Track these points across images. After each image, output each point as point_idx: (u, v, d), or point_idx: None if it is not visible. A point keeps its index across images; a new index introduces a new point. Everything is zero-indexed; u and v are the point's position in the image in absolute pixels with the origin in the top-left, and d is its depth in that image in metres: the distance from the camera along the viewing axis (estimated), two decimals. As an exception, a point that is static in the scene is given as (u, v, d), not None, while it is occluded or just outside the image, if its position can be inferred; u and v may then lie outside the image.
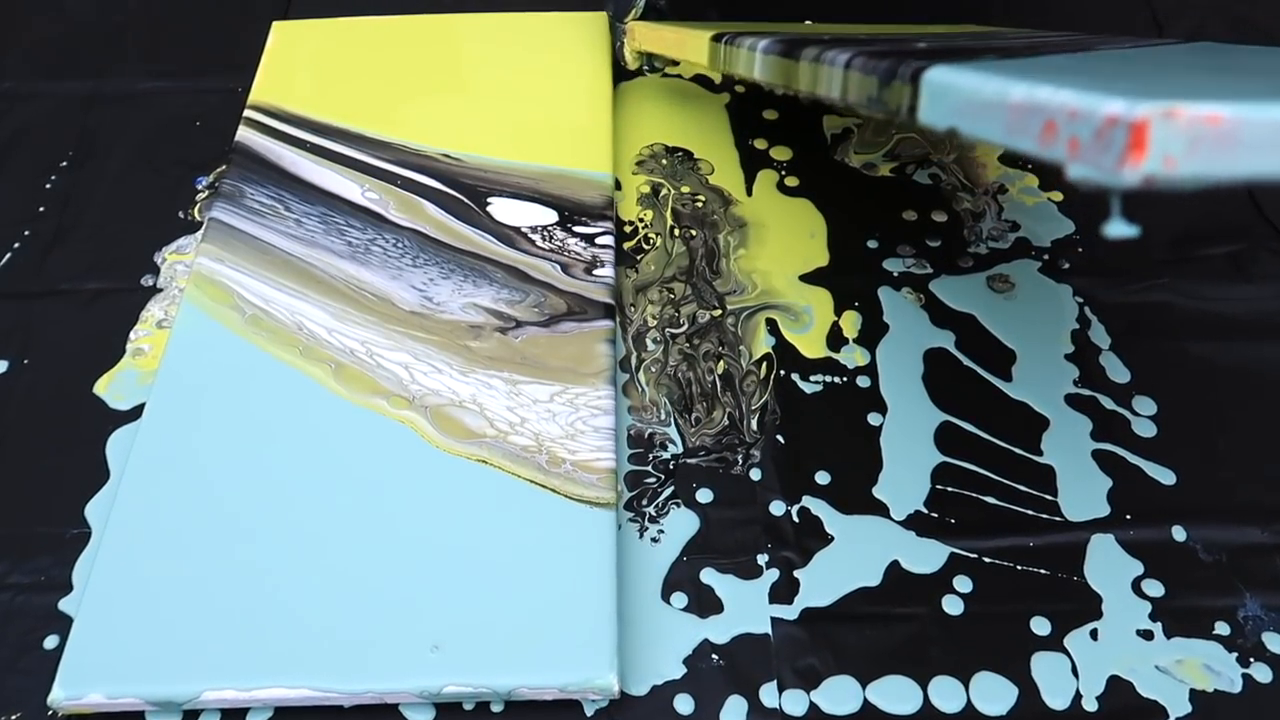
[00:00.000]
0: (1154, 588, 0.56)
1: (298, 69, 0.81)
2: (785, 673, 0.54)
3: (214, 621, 0.53)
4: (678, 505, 0.60)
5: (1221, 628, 0.55)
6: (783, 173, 0.77)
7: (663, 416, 0.63)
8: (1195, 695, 0.53)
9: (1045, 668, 0.54)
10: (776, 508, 0.60)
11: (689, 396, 0.64)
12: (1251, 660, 0.54)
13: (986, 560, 0.57)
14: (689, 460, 0.62)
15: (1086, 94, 0.34)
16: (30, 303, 0.70)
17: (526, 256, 0.68)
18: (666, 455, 0.62)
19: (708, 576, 0.57)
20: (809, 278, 0.70)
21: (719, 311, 0.68)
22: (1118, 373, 0.65)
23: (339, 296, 0.66)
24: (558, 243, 0.69)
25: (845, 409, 0.64)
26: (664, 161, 0.78)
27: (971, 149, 0.77)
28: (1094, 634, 0.55)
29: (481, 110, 0.78)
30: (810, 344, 0.67)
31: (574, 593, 0.54)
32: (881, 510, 0.59)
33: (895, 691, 0.53)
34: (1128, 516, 0.59)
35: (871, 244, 0.72)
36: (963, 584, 0.56)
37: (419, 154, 0.75)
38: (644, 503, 0.60)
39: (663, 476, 0.61)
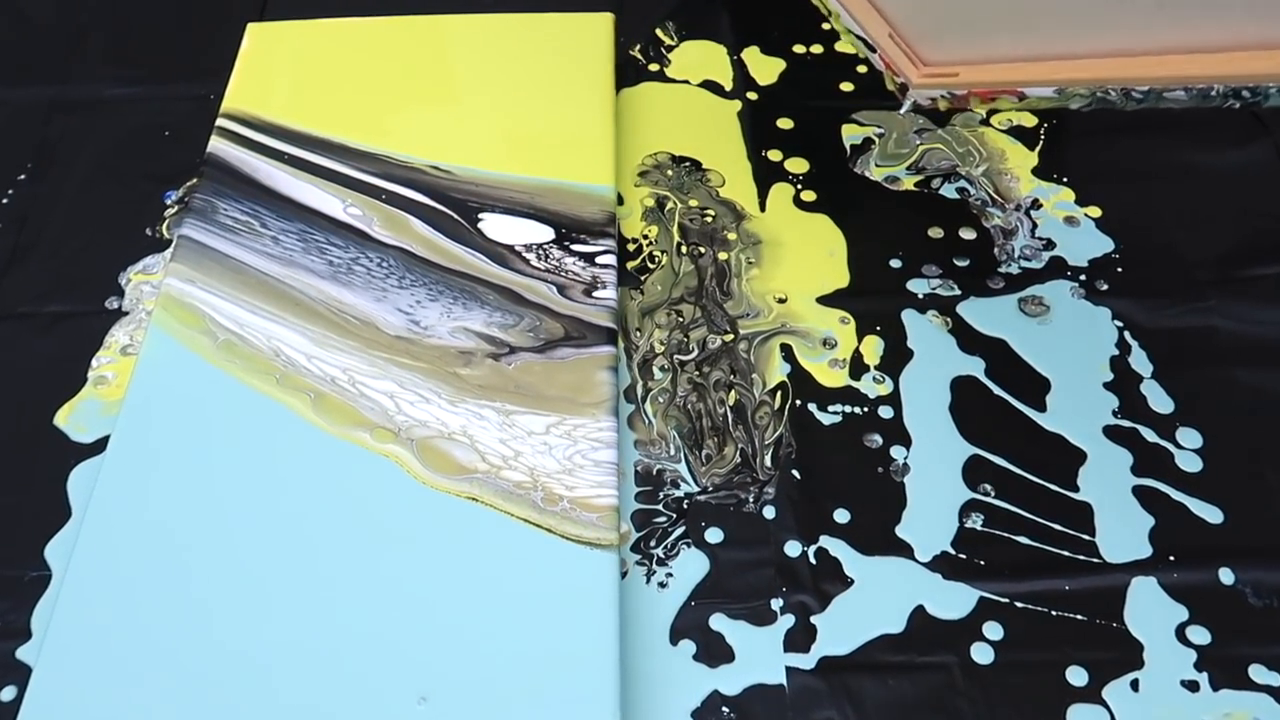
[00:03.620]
0: (1200, 635, 0.58)
1: (275, 74, 0.82)
2: (801, 727, 0.55)
3: (182, 671, 0.54)
4: (687, 545, 0.61)
5: (1273, 678, 0.56)
6: (799, 186, 0.78)
7: (672, 451, 0.65)
8: (1245, 751, 0.55)
9: (1082, 721, 0.55)
10: (792, 548, 0.61)
11: (699, 430, 0.65)
12: (1306, 713, 0.55)
13: (1019, 605, 0.59)
14: (697, 496, 0.63)
15: None
16: (-15, 327, 0.71)
17: (521, 277, 0.70)
18: (679, 493, 0.63)
19: (717, 623, 0.58)
20: (828, 300, 0.72)
21: (731, 336, 0.70)
22: (1160, 402, 0.67)
23: (319, 320, 0.68)
24: (554, 262, 0.71)
25: (866, 442, 0.65)
26: (670, 172, 0.79)
27: (1003, 159, 0.79)
28: (1135, 685, 0.56)
29: (473, 119, 0.79)
30: (828, 372, 0.68)
31: (573, 641, 0.55)
32: (905, 551, 0.61)
33: (920, 747, 0.55)
34: (1171, 558, 0.60)
35: (895, 263, 0.74)
36: (993, 630, 0.58)
37: (406, 166, 0.76)
38: (652, 544, 0.61)
39: (674, 516, 0.62)
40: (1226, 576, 0.59)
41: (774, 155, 0.80)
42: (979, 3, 0.65)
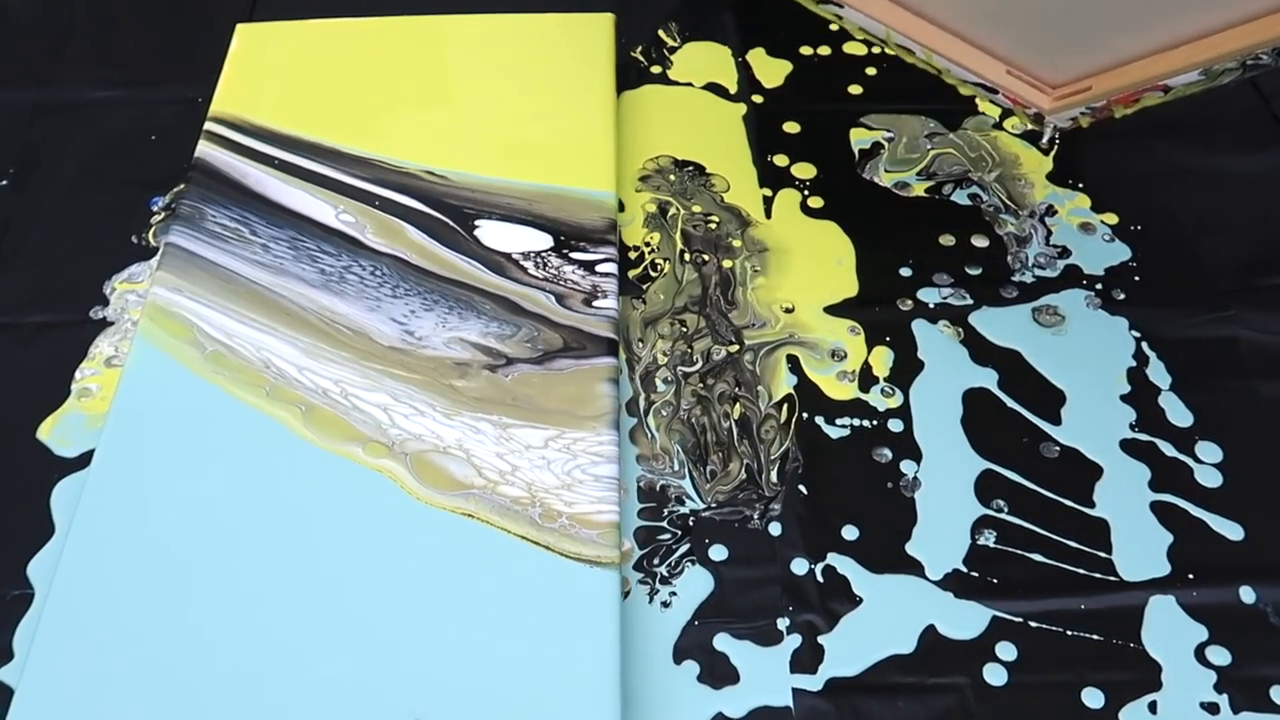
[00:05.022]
0: (1219, 655, 0.58)
1: (265, 76, 0.83)
2: (808, 750, 0.56)
3: (169, 696, 0.55)
4: (691, 563, 0.61)
5: (1295, 700, 0.57)
6: (806, 192, 0.79)
7: (676, 467, 0.65)
8: (1266, 776, 0.55)
9: (1099, 745, 0.56)
10: (799, 566, 0.62)
11: (704, 445, 0.66)
12: (1329, 737, 0.56)
13: (1033, 624, 0.59)
14: (701, 512, 0.63)
15: None
16: (-34, 338, 0.72)
17: (518, 286, 0.71)
18: (685, 510, 0.63)
19: (722, 643, 0.59)
20: (836, 309, 0.73)
21: (736, 347, 0.70)
22: (1179, 415, 0.67)
23: (310, 330, 0.68)
24: (553, 270, 0.71)
25: (875, 456, 0.66)
26: (672, 177, 0.80)
27: (1016, 164, 0.80)
28: (1152, 707, 0.56)
29: (469, 122, 0.80)
30: (836, 384, 0.69)
31: (573, 662, 0.56)
32: (916, 569, 0.61)
33: (931, 771, 0.55)
34: (1190, 576, 0.61)
35: (905, 272, 0.74)
36: (1006, 651, 0.58)
37: (399, 171, 0.77)
38: (655, 562, 0.62)
39: (679, 533, 0.63)
40: (1247, 595, 0.60)
41: (780, 160, 0.81)
42: (1089, 9, 0.63)
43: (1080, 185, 0.79)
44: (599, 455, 0.63)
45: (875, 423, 0.67)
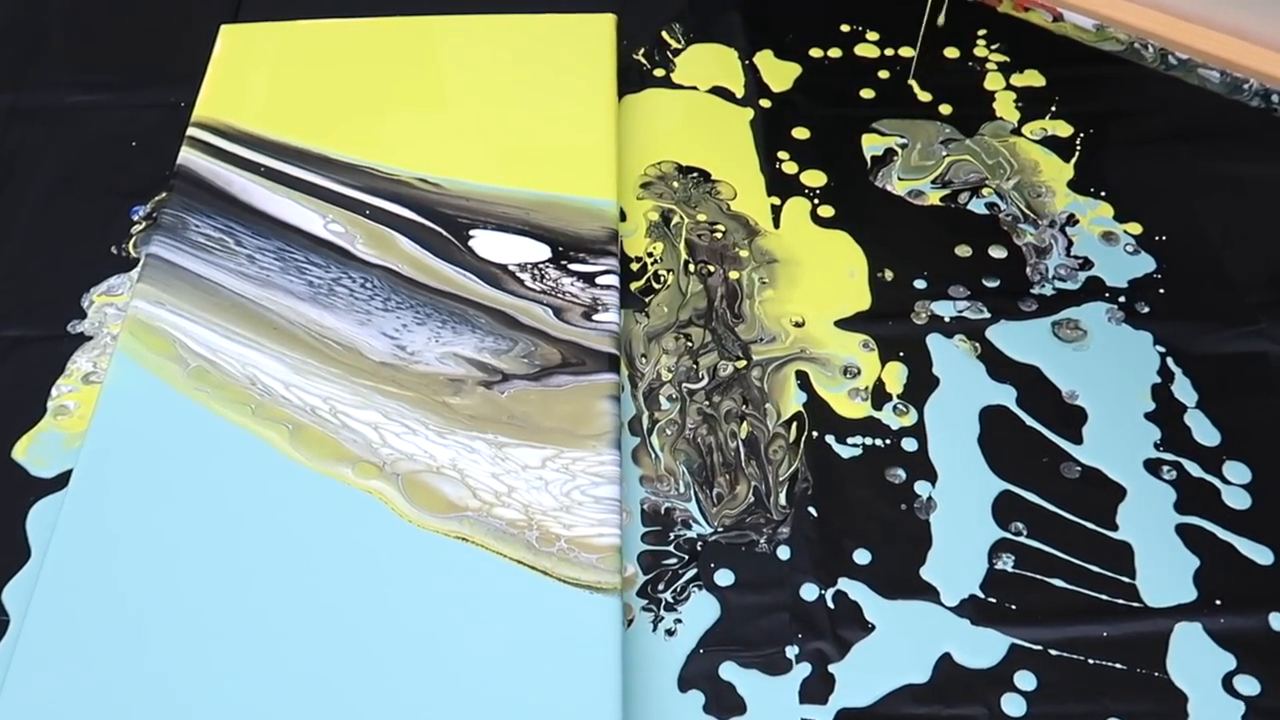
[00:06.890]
0: (1248, 685, 0.58)
1: (250, 80, 0.84)
2: (819, 785, 0.56)
3: (149, 726, 0.55)
4: (697, 588, 0.62)
5: (1328, 733, 0.57)
6: (816, 200, 0.80)
7: (681, 489, 0.65)
8: (1297, 812, 0.55)
9: (1122, 779, 0.56)
10: (808, 591, 0.62)
11: (710, 466, 0.66)
12: (1363, 771, 0.56)
13: (1053, 653, 0.60)
14: (708, 536, 0.64)
15: None
16: (-62, 352, 0.73)
17: (515, 299, 0.71)
18: (691, 534, 0.64)
19: (728, 672, 0.59)
20: (847, 323, 0.73)
21: (743, 363, 0.71)
22: (1206, 434, 0.67)
23: (298, 345, 0.69)
24: (551, 282, 0.72)
25: (888, 477, 0.66)
26: (676, 184, 0.80)
27: (1036, 172, 0.80)
28: (1178, 739, 0.57)
29: (464, 128, 0.81)
30: (847, 401, 0.69)
31: (573, 693, 0.56)
32: (931, 594, 0.62)
33: (947, 807, 0.56)
34: (1218, 602, 0.61)
35: (919, 284, 0.75)
36: (1025, 680, 0.59)
37: (391, 178, 0.78)
38: (659, 588, 0.62)
39: (685, 558, 0.63)
40: (1277, 622, 0.60)
41: (789, 167, 0.82)
42: None
43: (1102, 193, 0.79)
44: (599, 476, 0.63)
45: (888, 442, 0.68)
